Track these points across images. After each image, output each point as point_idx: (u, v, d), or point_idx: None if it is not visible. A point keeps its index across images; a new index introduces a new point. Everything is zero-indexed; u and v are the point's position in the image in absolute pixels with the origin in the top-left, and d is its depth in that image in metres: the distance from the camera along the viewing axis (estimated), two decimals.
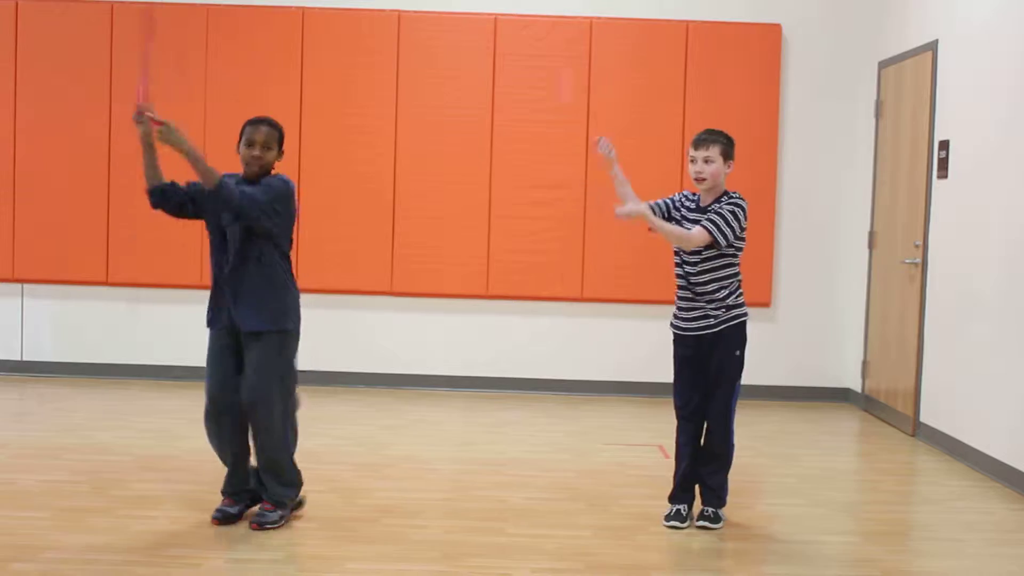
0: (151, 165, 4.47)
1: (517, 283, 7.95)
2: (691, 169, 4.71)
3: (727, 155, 4.68)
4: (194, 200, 4.50)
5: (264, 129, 4.53)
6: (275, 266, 4.54)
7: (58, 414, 6.82)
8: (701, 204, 4.73)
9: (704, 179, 4.66)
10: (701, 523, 4.73)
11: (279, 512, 4.57)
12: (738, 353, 4.72)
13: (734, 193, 4.71)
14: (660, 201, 4.83)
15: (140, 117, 4.34)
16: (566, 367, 8.06)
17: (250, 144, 4.51)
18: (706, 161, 4.65)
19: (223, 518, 4.56)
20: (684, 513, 4.78)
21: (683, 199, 4.82)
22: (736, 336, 4.70)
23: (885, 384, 7.45)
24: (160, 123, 4.27)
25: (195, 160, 4.27)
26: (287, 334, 4.57)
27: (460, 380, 8.06)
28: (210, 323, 4.59)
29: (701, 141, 4.70)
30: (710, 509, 4.76)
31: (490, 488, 5.35)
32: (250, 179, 4.53)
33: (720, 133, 4.73)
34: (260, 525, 4.51)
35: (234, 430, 4.57)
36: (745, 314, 4.71)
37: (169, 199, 4.49)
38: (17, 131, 7.94)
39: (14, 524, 4.54)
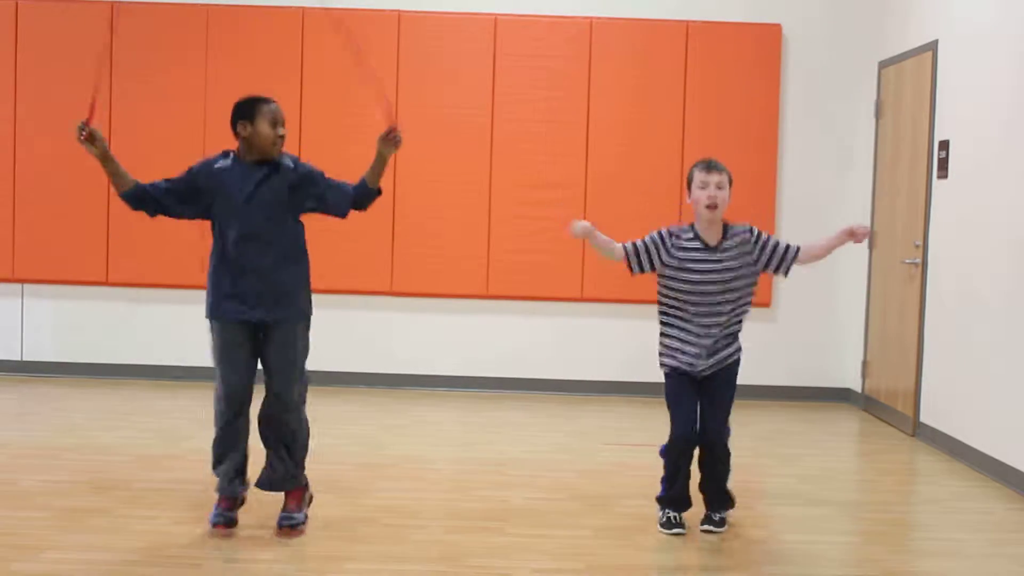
0: (115, 173, 4.40)
1: (517, 283, 7.95)
2: (702, 195, 4.50)
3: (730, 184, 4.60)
4: (169, 203, 4.45)
5: (277, 106, 4.46)
6: (301, 248, 4.56)
7: (58, 414, 6.82)
8: (710, 244, 4.54)
9: (717, 206, 4.50)
10: (706, 527, 4.69)
11: (303, 511, 4.60)
12: (738, 372, 4.70)
13: (740, 225, 4.62)
14: (640, 244, 4.61)
15: (87, 133, 4.36)
16: (566, 367, 8.06)
17: (275, 123, 4.42)
18: (719, 187, 4.51)
19: (228, 523, 4.51)
20: (682, 520, 4.73)
21: (674, 239, 4.58)
22: (736, 364, 4.69)
23: (885, 384, 7.45)
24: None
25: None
26: (306, 318, 4.62)
27: (460, 380, 8.06)
28: (223, 313, 4.45)
29: (714, 167, 4.55)
30: (717, 515, 4.73)
31: (490, 488, 5.35)
32: (262, 159, 4.43)
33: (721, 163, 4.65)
34: (292, 527, 4.49)
35: (247, 428, 4.58)
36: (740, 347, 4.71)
37: (145, 203, 4.45)
38: (17, 131, 7.94)
39: (14, 524, 4.54)
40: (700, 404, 4.66)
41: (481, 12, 7.93)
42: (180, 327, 7.97)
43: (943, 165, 6.61)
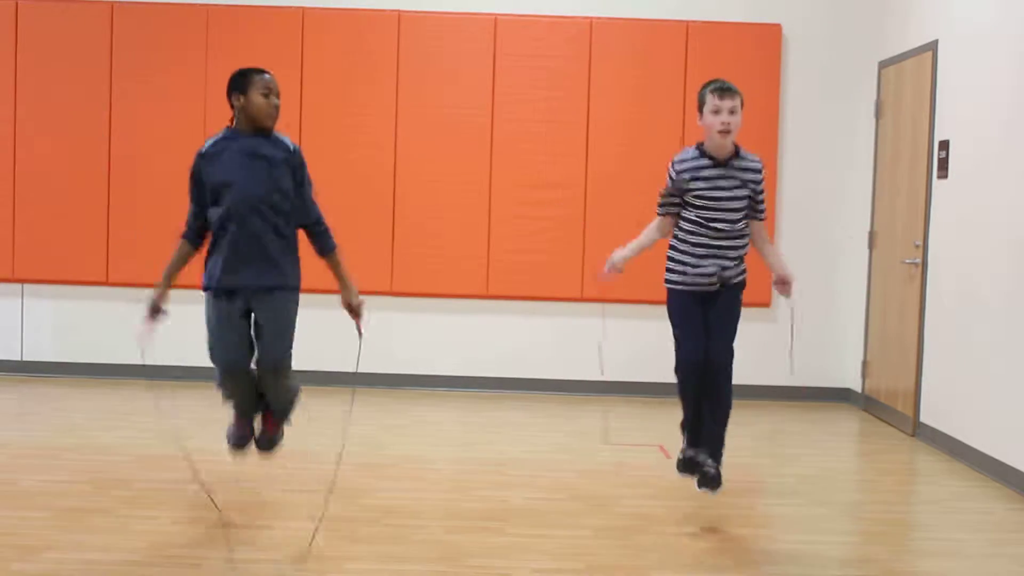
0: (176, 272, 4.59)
1: (517, 283, 7.95)
2: (714, 120, 4.54)
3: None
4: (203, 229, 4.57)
5: (271, 76, 4.46)
6: (294, 224, 4.56)
7: (58, 414, 6.82)
8: (720, 159, 4.60)
9: (730, 131, 4.55)
10: (704, 489, 4.71)
11: (282, 429, 4.75)
12: (742, 294, 4.76)
13: (752, 155, 4.69)
14: (669, 198, 4.69)
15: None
16: (566, 367, 8.06)
17: (268, 93, 4.42)
18: (731, 112, 4.54)
19: (246, 443, 4.67)
20: (697, 460, 4.78)
21: (688, 165, 4.64)
22: (743, 284, 4.74)
23: (885, 384, 7.45)
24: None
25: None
26: (297, 291, 4.60)
27: (460, 380, 8.06)
28: (217, 285, 4.47)
29: (726, 91, 4.56)
30: (712, 465, 4.70)
31: (490, 488, 5.35)
32: (259, 130, 4.43)
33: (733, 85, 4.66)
34: (271, 445, 4.68)
35: (249, 382, 4.59)
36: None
37: (204, 237, 4.57)
38: (17, 131, 7.94)
39: (14, 524, 4.54)
40: (705, 321, 4.68)
41: (481, 12, 7.93)
42: (180, 327, 7.93)
43: (943, 165, 6.61)
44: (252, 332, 4.52)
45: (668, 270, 4.75)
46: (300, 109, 7.86)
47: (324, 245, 4.64)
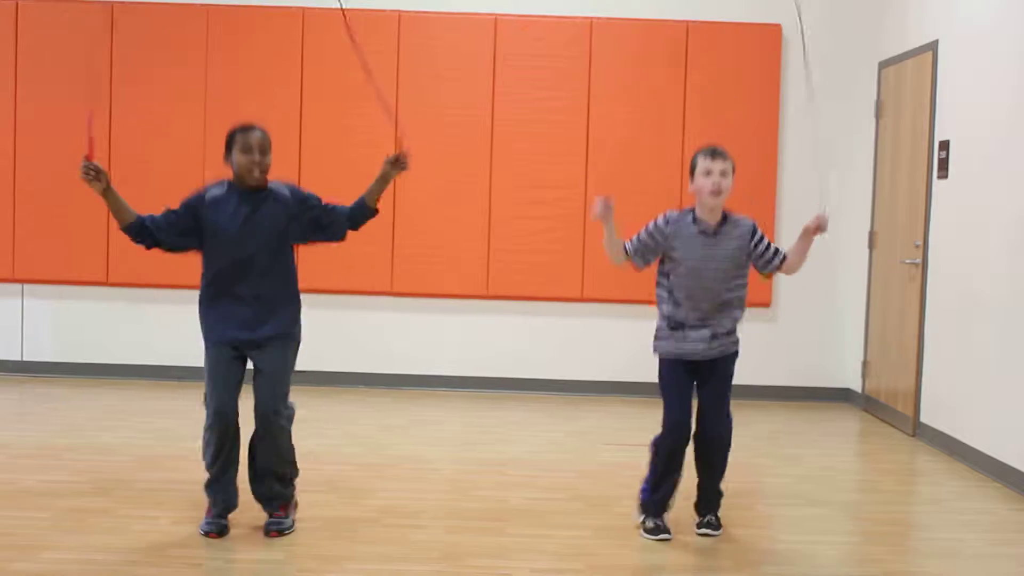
0: (118, 208, 4.42)
1: (517, 283, 7.95)
2: (706, 182, 4.48)
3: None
4: (165, 236, 4.40)
5: (258, 133, 4.39)
6: (293, 274, 4.53)
7: (58, 414, 6.82)
8: (710, 229, 4.53)
9: (721, 192, 4.49)
10: (704, 531, 4.66)
11: (291, 517, 4.55)
12: (735, 363, 4.69)
13: (741, 216, 4.65)
14: (638, 241, 4.59)
15: (88, 172, 4.40)
16: (566, 367, 8.06)
17: (248, 150, 4.34)
18: (723, 174, 4.50)
19: (221, 531, 4.43)
20: (667, 525, 4.67)
21: (671, 226, 4.56)
22: (735, 353, 4.67)
23: (885, 384, 7.45)
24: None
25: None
26: (294, 339, 4.53)
27: (460, 380, 8.06)
28: (216, 336, 4.43)
29: (718, 154, 4.51)
30: (713, 516, 4.71)
31: (490, 488, 5.35)
32: (251, 187, 4.40)
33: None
34: (280, 532, 4.45)
35: (236, 443, 4.50)
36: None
37: (143, 236, 4.40)
38: (17, 131, 7.94)
39: (14, 524, 4.54)
40: (698, 395, 4.64)
41: (481, 12, 7.93)
42: (180, 327, 7.96)
43: (943, 165, 6.62)
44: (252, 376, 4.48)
45: (656, 335, 4.66)
46: (300, 109, 7.86)
47: (364, 214, 4.65)
